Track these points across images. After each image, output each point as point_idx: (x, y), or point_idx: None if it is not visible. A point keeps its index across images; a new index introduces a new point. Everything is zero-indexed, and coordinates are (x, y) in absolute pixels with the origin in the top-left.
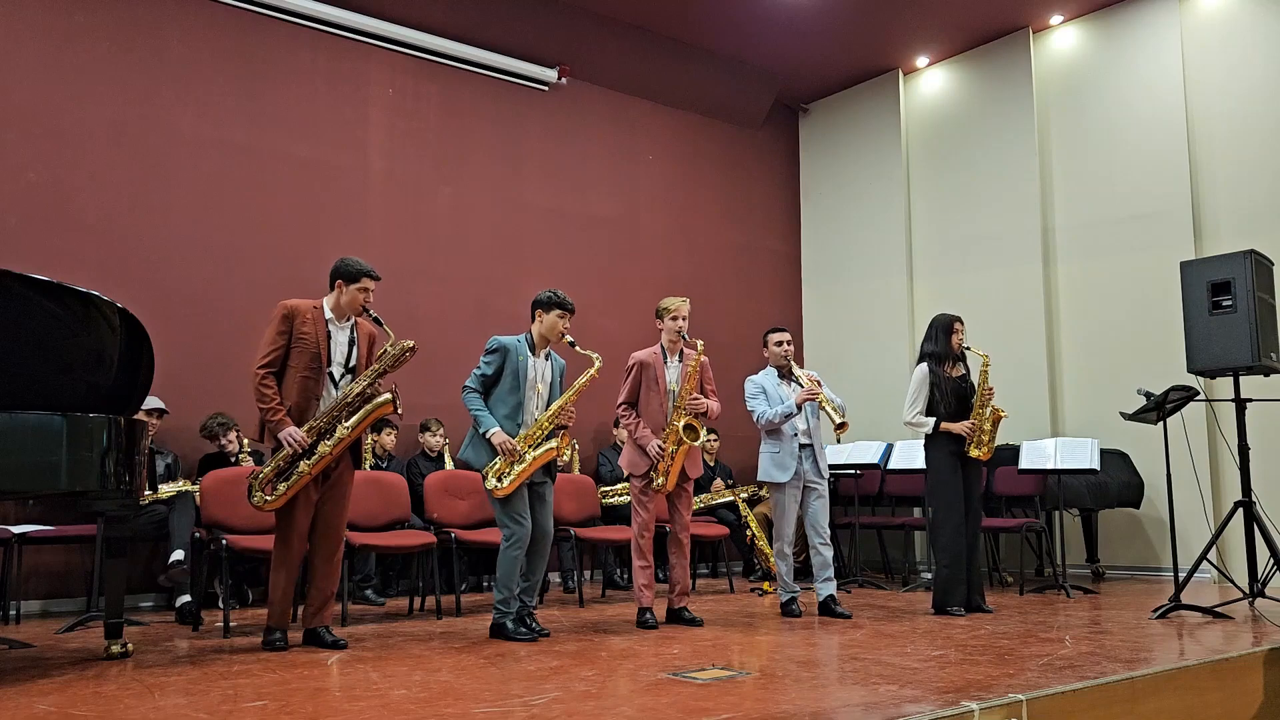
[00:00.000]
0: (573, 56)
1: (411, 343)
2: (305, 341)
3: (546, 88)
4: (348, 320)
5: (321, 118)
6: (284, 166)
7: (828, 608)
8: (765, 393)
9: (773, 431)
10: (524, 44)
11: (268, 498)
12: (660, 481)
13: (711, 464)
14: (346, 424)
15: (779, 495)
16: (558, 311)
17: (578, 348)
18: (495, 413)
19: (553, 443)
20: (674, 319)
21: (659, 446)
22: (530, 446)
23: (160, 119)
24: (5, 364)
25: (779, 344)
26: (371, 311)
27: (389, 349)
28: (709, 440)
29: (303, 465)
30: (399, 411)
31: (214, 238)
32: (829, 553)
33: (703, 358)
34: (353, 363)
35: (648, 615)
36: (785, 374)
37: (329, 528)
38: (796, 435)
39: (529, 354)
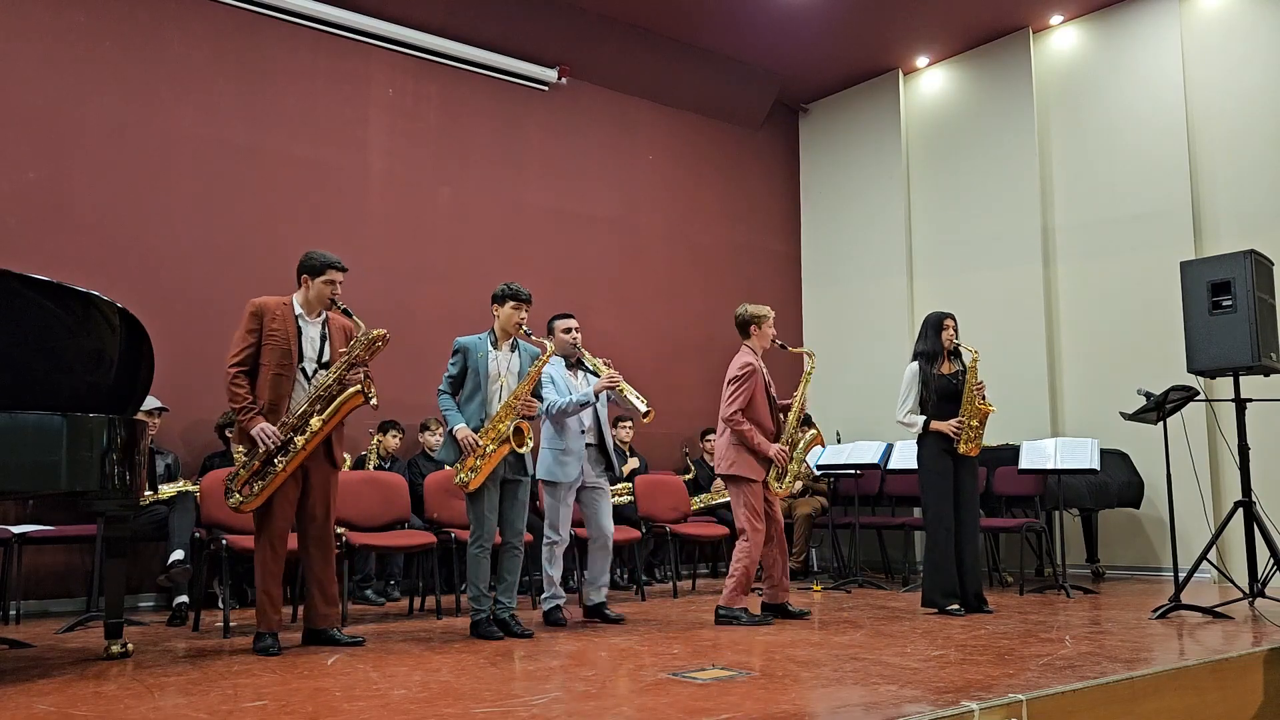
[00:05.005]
0: (573, 56)
1: (382, 330)
2: (275, 338)
3: (546, 88)
4: (318, 315)
5: (321, 118)
6: (284, 166)
7: (599, 612)
8: (554, 383)
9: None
10: (524, 44)
11: (244, 498)
12: (779, 486)
13: (711, 464)
14: (319, 418)
15: (555, 493)
16: (512, 304)
17: (532, 336)
18: (465, 410)
19: (511, 432)
20: (770, 327)
21: (781, 450)
22: (493, 440)
23: (160, 119)
24: (5, 364)
25: (566, 331)
26: (340, 303)
27: (359, 338)
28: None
29: (278, 463)
30: (372, 402)
31: (214, 238)
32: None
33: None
34: (326, 358)
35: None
36: (574, 364)
37: (321, 530)
38: (585, 433)
39: (489, 349)
